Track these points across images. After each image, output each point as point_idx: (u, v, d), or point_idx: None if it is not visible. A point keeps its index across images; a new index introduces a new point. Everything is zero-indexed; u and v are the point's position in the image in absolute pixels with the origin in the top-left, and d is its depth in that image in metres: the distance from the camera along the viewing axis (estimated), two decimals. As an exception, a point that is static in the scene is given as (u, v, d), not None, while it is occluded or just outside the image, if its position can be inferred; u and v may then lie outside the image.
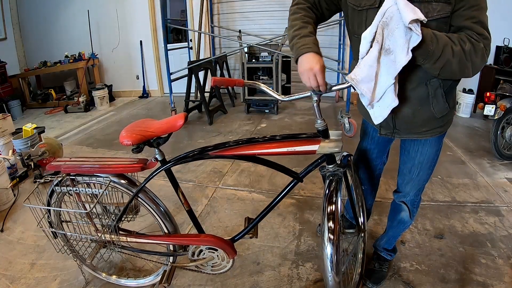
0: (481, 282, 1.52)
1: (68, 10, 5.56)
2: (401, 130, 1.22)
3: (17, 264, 1.74)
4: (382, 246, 1.58)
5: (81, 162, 1.30)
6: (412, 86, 1.09)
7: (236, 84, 1.28)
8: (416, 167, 1.30)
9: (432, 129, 1.19)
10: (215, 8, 5.22)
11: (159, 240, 1.36)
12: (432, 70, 0.98)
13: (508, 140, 2.82)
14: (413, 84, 1.09)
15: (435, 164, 1.31)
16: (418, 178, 1.32)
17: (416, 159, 1.28)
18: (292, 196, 2.29)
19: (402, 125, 1.20)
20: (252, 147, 1.16)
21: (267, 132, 3.74)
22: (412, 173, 1.32)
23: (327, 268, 1.04)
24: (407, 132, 1.22)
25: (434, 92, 1.09)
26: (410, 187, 1.35)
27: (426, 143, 1.25)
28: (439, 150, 1.27)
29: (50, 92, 5.38)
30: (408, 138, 1.25)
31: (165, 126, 1.20)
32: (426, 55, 0.92)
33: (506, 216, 2.03)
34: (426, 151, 1.26)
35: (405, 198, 1.38)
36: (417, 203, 1.41)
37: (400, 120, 1.18)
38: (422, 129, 1.19)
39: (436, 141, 1.25)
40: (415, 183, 1.34)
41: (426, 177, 1.33)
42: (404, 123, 1.18)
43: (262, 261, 1.71)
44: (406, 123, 1.18)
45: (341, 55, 4.74)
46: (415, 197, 1.38)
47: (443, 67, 0.94)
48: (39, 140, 2.86)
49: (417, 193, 1.37)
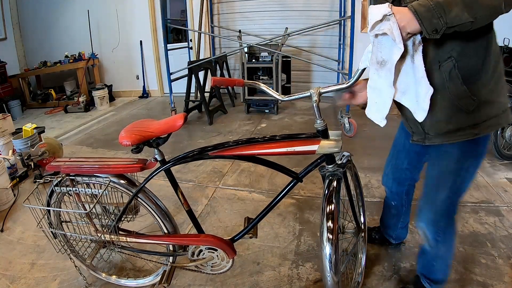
0: (481, 282, 1.52)
1: (68, 10, 5.56)
2: (431, 133, 1.07)
3: (17, 264, 1.74)
4: (419, 271, 1.39)
5: (81, 162, 1.30)
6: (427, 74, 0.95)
7: (236, 84, 1.28)
8: (435, 179, 1.13)
9: (461, 129, 1.01)
10: (215, 8, 5.22)
11: (158, 240, 1.36)
12: (461, 25, 0.79)
13: (508, 140, 2.82)
14: (426, 72, 0.94)
15: (464, 181, 1.10)
16: (437, 196, 1.12)
17: (436, 168, 1.12)
18: (292, 196, 2.29)
19: (427, 124, 1.05)
20: (251, 147, 1.15)
21: (267, 132, 3.74)
22: (430, 188, 1.15)
23: (326, 268, 1.04)
24: (436, 134, 1.06)
25: (448, 76, 0.95)
26: (428, 208, 1.17)
27: (453, 148, 1.06)
28: (469, 161, 1.05)
29: (50, 92, 5.39)
30: (439, 143, 1.07)
31: (164, 126, 1.20)
32: (431, 21, 0.78)
33: (506, 216, 2.03)
34: (450, 158, 1.07)
35: (421, 222, 1.21)
36: (438, 232, 1.18)
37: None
38: (449, 127, 1.02)
39: (465, 147, 1.04)
40: (432, 202, 1.15)
41: (445, 199, 1.11)
42: (428, 120, 0.99)
43: (262, 261, 1.71)
44: (430, 119, 1.00)
45: (341, 55, 4.74)
46: (434, 223, 1.18)
47: (465, 10, 0.77)
48: (39, 140, 2.86)
49: (436, 217, 1.16)
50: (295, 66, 4.71)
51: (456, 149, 1.06)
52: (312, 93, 1.07)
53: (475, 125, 1.00)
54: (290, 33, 4.17)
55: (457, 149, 1.06)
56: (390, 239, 1.69)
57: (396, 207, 1.54)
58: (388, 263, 1.65)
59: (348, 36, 4.30)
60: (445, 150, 1.09)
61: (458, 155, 1.07)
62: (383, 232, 1.70)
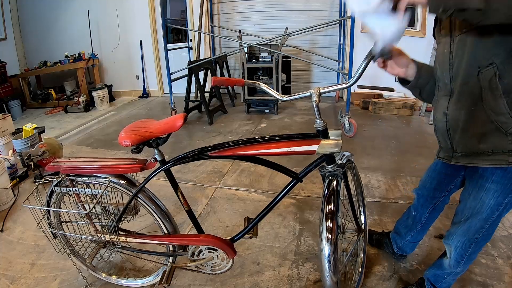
0: (481, 282, 1.52)
1: (68, 10, 5.56)
2: (459, 150, 1.00)
3: (17, 264, 1.74)
4: (427, 276, 1.37)
5: (81, 163, 1.30)
6: (463, 80, 0.91)
7: (236, 84, 1.28)
8: (468, 209, 1.07)
9: (496, 152, 0.90)
10: (215, 8, 5.22)
11: (158, 240, 1.36)
12: (471, 12, 0.73)
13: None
14: (463, 78, 0.91)
15: (502, 215, 1.02)
16: (468, 225, 1.08)
17: (470, 197, 1.05)
18: (292, 196, 2.29)
19: (456, 138, 0.98)
20: (251, 147, 1.15)
21: (267, 132, 3.74)
22: (462, 214, 1.09)
23: (325, 268, 1.04)
24: (465, 153, 0.98)
25: (488, 84, 0.85)
26: (461, 233, 1.13)
27: (489, 178, 0.97)
28: (510, 196, 0.96)
29: (50, 92, 5.39)
30: (466, 164, 1.00)
31: (164, 127, 1.20)
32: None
33: (506, 216, 2.03)
34: (487, 191, 0.99)
35: (451, 242, 1.18)
36: (463, 256, 1.16)
37: (454, 129, 0.97)
38: (481, 147, 0.92)
39: (503, 177, 0.95)
40: (463, 230, 1.11)
41: (479, 229, 1.06)
42: (458, 135, 0.94)
43: (262, 261, 1.71)
44: (460, 135, 0.95)
45: (341, 55, 4.74)
46: (464, 249, 1.14)
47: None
48: (39, 140, 2.86)
49: (467, 244, 1.12)
50: (295, 66, 4.72)
51: (494, 182, 0.96)
52: (312, 93, 1.07)
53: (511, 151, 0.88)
54: (290, 33, 4.18)
55: (495, 182, 0.96)
56: (394, 247, 1.62)
57: (413, 218, 1.46)
58: (388, 263, 1.65)
59: (348, 36, 4.30)
60: (484, 176, 0.99)
61: (496, 189, 0.98)
62: (391, 235, 1.64)
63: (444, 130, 1.00)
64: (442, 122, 0.99)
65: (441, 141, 1.08)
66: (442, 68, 0.98)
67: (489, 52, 0.84)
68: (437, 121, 1.03)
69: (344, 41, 4.65)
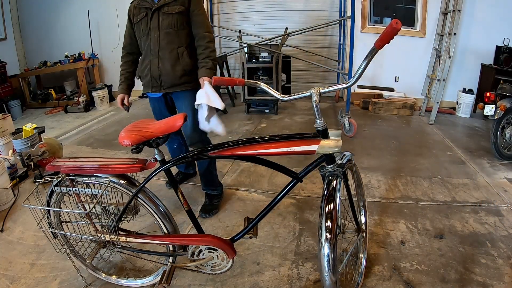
0: (481, 282, 1.52)
1: (68, 10, 5.56)
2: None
3: (17, 264, 1.74)
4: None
5: (81, 163, 1.30)
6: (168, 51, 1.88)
7: (237, 84, 1.28)
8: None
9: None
10: (215, 8, 5.22)
11: (158, 240, 1.36)
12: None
13: (508, 140, 2.82)
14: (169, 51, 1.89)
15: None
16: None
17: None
18: (292, 196, 2.29)
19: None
20: (251, 147, 1.15)
21: (267, 132, 3.74)
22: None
23: (324, 268, 1.04)
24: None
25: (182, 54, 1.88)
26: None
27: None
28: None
29: (50, 92, 5.38)
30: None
31: (164, 127, 1.20)
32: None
33: (506, 216, 2.03)
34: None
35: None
36: None
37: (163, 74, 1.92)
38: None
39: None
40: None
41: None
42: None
43: (262, 261, 1.71)
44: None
45: (341, 55, 4.74)
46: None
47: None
48: (39, 140, 2.86)
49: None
50: (295, 66, 4.72)
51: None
52: (312, 93, 1.08)
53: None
54: (290, 33, 4.18)
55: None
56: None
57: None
58: (388, 263, 1.65)
59: (348, 36, 4.30)
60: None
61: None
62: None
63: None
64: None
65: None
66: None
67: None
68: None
69: (344, 41, 4.65)
